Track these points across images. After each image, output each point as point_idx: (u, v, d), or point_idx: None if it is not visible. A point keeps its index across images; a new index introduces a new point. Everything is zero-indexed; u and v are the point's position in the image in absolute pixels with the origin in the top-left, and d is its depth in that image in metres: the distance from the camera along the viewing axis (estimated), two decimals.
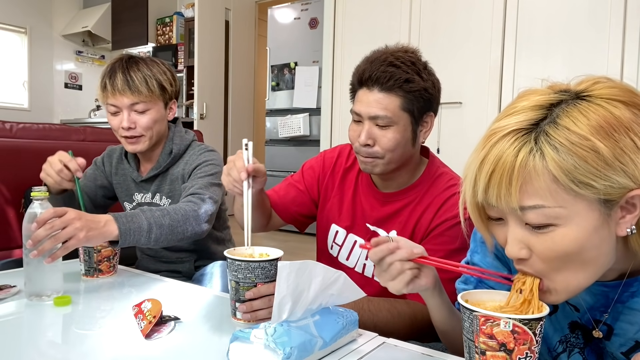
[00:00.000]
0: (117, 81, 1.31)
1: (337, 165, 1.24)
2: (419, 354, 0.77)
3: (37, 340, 0.82)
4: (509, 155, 0.55)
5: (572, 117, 0.55)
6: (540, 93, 0.60)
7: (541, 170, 0.54)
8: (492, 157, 0.57)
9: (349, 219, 1.19)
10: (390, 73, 1.00)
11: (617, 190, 0.54)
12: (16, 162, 1.66)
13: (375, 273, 0.74)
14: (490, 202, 0.58)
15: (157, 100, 1.36)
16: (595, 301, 0.69)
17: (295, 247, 3.53)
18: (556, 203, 0.55)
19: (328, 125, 3.76)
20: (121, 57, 1.37)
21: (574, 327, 0.74)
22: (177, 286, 1.12)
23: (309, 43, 4.29)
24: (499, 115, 0.61)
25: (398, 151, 1.05)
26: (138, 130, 1.34)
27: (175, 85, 1.43)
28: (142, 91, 1.32)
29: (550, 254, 0.58)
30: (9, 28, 5.25)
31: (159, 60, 1.42)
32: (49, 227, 0.93)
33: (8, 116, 3.34)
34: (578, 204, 0.55)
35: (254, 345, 0.67)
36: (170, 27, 5.32)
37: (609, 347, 0.70)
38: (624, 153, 0.53)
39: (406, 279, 0.70)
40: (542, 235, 0.57)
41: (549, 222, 0.56)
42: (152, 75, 1.35)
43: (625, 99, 0.57)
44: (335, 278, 0.76)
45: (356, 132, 1.07)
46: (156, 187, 1.43)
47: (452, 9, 3.11)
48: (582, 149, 0.53)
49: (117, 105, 1.33)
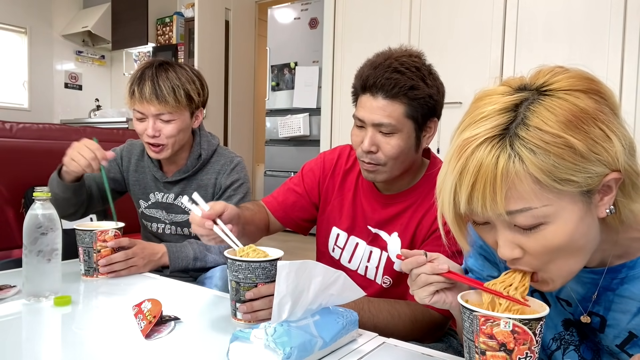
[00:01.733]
0: (145, 89, 1.31)
1: (337, 167, 1.23)
2: (419, 354, 0.77)
3: (37, 340, 0.82)
4: (489, 164, 0.55)
5: (540, 116, 0.55)
6: (501, 92, 0.60)
7: (523, 174, 0.55)
8: (471, 167, 0.56)
9: (349, 221, 1.19)
10: (395, 80, 0.98)
11: (595, 179, 0.56)
12: (16, 162, 1.66)
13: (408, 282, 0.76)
14: (475, 211, 0.58)
15: (184, 110, 1.37)
16: (586, 291, 0.70)
17: (296, 247, 3.53)
18: (542, 203, 0.56)
19: (328, 125, 3.76)
20: (152, 63, 1.37)
21: (568, 325, 0.75)
22: (177, 286, 1.12)
23: (309, 43, 4.29)
24: (464, 122, 0.61)
25: (401, 158, 1.04)
26: (162, 139, 1.35)
27: (204, 95, 1.43)
28: (169, 101, 1.32)
29: (543, 250, 0.59)
30: (9, 28, 5.24)
31: (189, 67, 1.42)
32: (124, 255, 1.16)
33: (8, 116, 3.34)
34: (562, 200, 0.56)
35: (254, 345, 0.67)
36: (170, 27, 5.32)
37: (604, 341, 0.70)
38: (596, 143, 0.55)
39: (430, 290, 0.71)
40: (532, 234, 0.58)
41: (538, 221, 0.57)
42: (181, 85, 1.34)
43: (584, 87, 0.57)
44: (336, 278, 0.76)
45: (359, 137, 1.05)
46: (180, 189, 1.44)
47: (452, 9, 3.11)
48: (558, 147, 0.54)
49: (144, 112, 1.34)
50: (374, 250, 1.15)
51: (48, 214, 0.98)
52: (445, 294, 0.72)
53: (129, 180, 1.51)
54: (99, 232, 1.14)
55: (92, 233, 1.13)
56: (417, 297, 0.72)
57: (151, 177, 1.48)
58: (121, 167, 1.52)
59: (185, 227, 1.46)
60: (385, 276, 1.13)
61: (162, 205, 1.47)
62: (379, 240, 1.14)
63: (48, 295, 0.97)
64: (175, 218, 1.46)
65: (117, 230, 1.17)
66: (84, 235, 1.14)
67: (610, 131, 0.56)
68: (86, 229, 1.14)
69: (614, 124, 0.57)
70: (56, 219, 1.00)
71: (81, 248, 1.14)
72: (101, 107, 5.67)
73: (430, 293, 0.71)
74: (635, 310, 0.65)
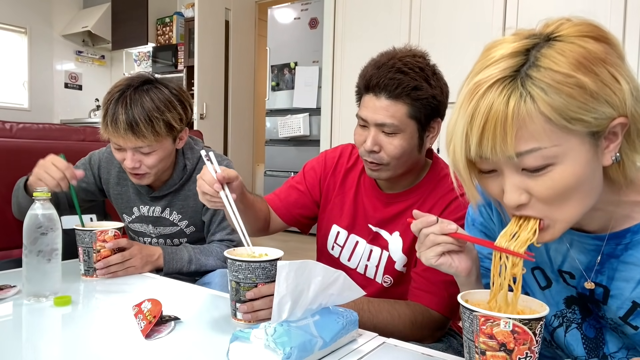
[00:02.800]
0: (120, 123, 1.19)
1: (338, 165, 1.23)
2: (419, 354, 0.77)
3: (37, 340, 0.82)
4: (500, 104, 0.56)
5: (551, 58, 0.56)
6: (512, 40, 0.61)
7: (534, 113, 0.55)
8: (482, 109, 0.57)
9: (350, 219, 1.19)
10: (398, 80, 0.98)
11: (603, 121, 0.57)
12: (16, 162, 1.65)
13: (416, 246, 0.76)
14: (484, 155, 0.58)
15: (164, 140, 1.26)
16: (590, 259, 0.70)
17: (296, 247, 3.53)
18: (551, 142, 0.56)
19: (328, 125, 3.76)
20: (125, 88, 1.24)
21: (570, 302, 0.75)
22: (177, 286, 1.12)
23: (309, 43, 4.29)
24: (475, 68, 0.61)
25: (404, 158, 1.04)
26: (143, 169, 1.26)
27: (187, 117, 1.31)
28: (147, 136, 1.20)
29: (550, 192, 0.59)
30: (9, 28, 5.24)
31: (169, 87, 1.28)
32: (121, 257, 1.16)
33: (8, 116, 3.34)
34: (571, 140, 0.57)
35: (254, 345, 0.67)
36: (170, 27, 5.32)
37: (608, 313, 0.70)
38: (605, 85, 0.56)
39: (437, 251, 0.71)
40: (540, 177, 0.59)
41: (547, 162, 0.57)
42: (159, 116, 1.22)
43: (593, 34, 0.59)
44: (335, 278, 0.76)
45: (362, 136, 1.05)
46: (167, 202, 1.39)
47: (452, 9, 3.11)
48: (568, 86, 0.55)
49: (121, 145, 1.24)
50: (374, 249, 1.15)
51: (48, 214, 0.98)
52: (452, 258, 0.71)
53: (110, 193, 1.44)
54: (99, 232, 1.14)
55: (91, 233, 1.13)
56: (424, 258, 0.72)
57: (134, 191, 1.40)
58: (98, 178, 1.44)
59: (175, 238, 1.42)
60: (386, 275, 1.13)
61: (148, 219, 1.41)
62: (379, 239, 1.14)
63: (48, 295, 0.97)
64: (164, 231, 1.41)
65: (117, 230, 1.17)
66: (83, 235, 1.14)
67: (619, 74, 0.57)
68: (86, 229, 1.14)
69: (622, 68, 0.58)
70: (56, 219, 1.00)
71: (81, 248, 1.14)
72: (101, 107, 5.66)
73: (438, 254, 0.71)
74: (639, 277, 0.65)
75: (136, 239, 1.47)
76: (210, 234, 1.40)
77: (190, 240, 1.42)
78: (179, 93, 1.29)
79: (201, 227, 1.42)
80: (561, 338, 0.77)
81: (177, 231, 1.41)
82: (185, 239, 1.42)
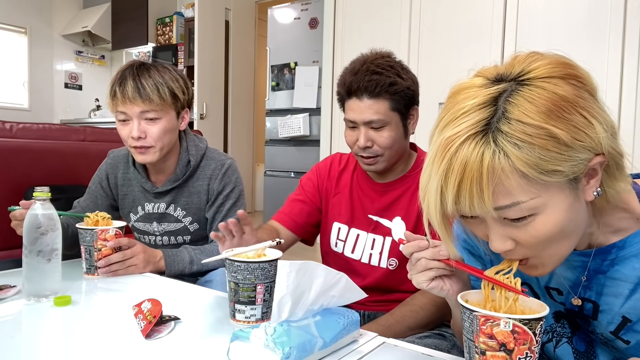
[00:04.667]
0: (128, 88, 1.26)
1: (331, 170, 1.33)
2: (419, 354, 0.77)
3: (37, 340, 0.82)
4: (474, 162, 0.54)
5: (520, 108, 0.54)
6: (478, 85, 0.59)
7: (509, 169, 0.54)
8: (456, 167, 0.55)
9: (349, 214, 1.25)
10: (375, 81, 1.10)
11: (581, 166, 0.56)
12: (16, 162, 1.65)
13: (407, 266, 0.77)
14: (462, 212, 0.58)
15: (169, 109, 1.32)
16: (577, 276, 0.70)
17: (297, 247, 3.52)
18: (529, 196, 0.55)
19: (328, 125, 3.76)
20: (132, 64, 1.33)
21: (559, 317, 0.75)
22: (177, 286, 1.12)
23: (309, 43, 4.29)
24: (443, 118, 0.59)
25: (395, 147, 1.16)
26: (148, 141, 1.29)
27: (188, 94, 1.38)
28: (153, 99, 1.27)
29: (534, 240, 0.59)
30: (9, 28, 5.24)
31: (170, 67, 1.37)
32: (121, 256, 1.16)
33: (8, 116, 3.34)
34: (550, 190, 0.56)
35: (254, 344, 0.67)
36: (170, 27, 5.32)
37: (598, 328, 0.69)
38: (579, 130, 0.54)
39: (429, 275, 0.70)
40: (523, 226, 0.58)
41: (528, 213, 0.57)
42: (164, 83, 1.30)
43: (562, 73, 0.57)
44: (337, 280, 0.76)
45: (353, 137, 1.16)
46: (172, 198, 1.40)
47: (452, 9, 3.11)
48: (541, 138, 0.53)
49: (127, 113, 1.28)
50: (377, 237, 1.21)
51: (48, 214, 0.98)
52: (443, 281, 0.71)
53: (118, 196, 1.46)
54: (100, 230, 1.14)
55: (93, 232, 1.14)
56: (415, 282, 0.71)
57: (139, 189, 1.43)
58: (108, 188, 1.46)
59: (179, 236, 1.43)
60: (391, 258, 1.19)
61: (153, 216, 1.42)
62: (380, 227, 1.21)
63: (48, 295, 0.97)
64: (168, 227, 1.43)
65: (119, 229, 1.17)
66: (85, 234, 1.14)
67: (591, 116, 0.55)
68: (87, 228, 1.15)
69: (594, 109, 0.56)
70: (56, 219, 1.00)
71: (83, 246, 1.15)
72: (101, 107, 5.67)
73: (429, 278, 0.70)
74: (628, 292, 0.65)
75: (141, 238, 1.47)
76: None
77: (193, 237, 1.43)
78: (180, 72, 1.38)
79: (204, 224, 1.43)
80: (551, 352, 0.77)
81: (181, 228, 1.42)
82: (189, 237, 1.43)
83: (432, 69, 3.12)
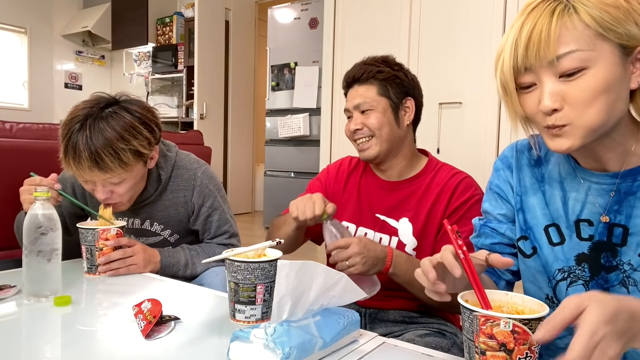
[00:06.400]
0: (83, 160, 1.11)
1: (340, 171, 1.35)
2: (419, 354, 0.77)
3: (37, 340, 0.82)
4: (546, 15, 0.66)
5: None
6: None
7: (576, 20, 0.65)
8: (530, 20, 0.66)
9: (357, 213, 1.27)
10: (364, 69, 1.22)
11: (632, 40, 0.65)
12: (16, 162, 1.65)
13: None
14: (528, 61, 0.67)
15: (134, 166, 1.18)
16: (607, 201, 0.73)
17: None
18: (588, 46, 0.65)
19: (328, 125, 3.76)
20: (84, 118, 1.13)
21: (581, 260, 0.77)
22: (177, 286, 1.12)
23: (309, 43, 4.29)
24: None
25: (385, 130, 1.20)
26: (116, 198, 1.20)
27: (155, 139, 1.22)
28: (114, 169, 1.13)
29: (582, 95, 0.66)
30: (9, 28, 5.25)
31: (131, 109, 1.17)
32: (122, 253, 1.16)
33: (8, 116, 3.34)
34: (604, 48, 0.65)
35: (254, 344, 0.67)
36: (170, 27, 5.32)
37: (626, 255, 0.72)
38: (634, 10, 0.65)
39: None
40: (574, 81, 0.66)
41: (582, 65, 0.65)
42: (125, 146, 1.13)
43: None
44: (337, 280, 0.76)
45: (349, 125, 1.24)
46: (146, 215, 1.35)
47: (452, 8, 3.11)
48: (606, 4, 0.64)
49: (87, 179, 1.17)
50: (383, 236, 1.22)
51: (48, 214, 0.98)
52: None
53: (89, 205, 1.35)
54: (101, 230, 1.14)
55: (94, 231, 1.14)
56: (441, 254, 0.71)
57: None
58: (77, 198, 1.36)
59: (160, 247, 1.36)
60: None
61: (129, 231, 1.36)
62: (387, 227, 1.22)
63: (48, 295, 0.97)
64: (147, 241, 1.38)
65: (119, 229, 1.17)
66: (86, 234, 1.14)
67: None
68: (89, 227, 1.15)
69: None
70: (56, 219, 1.00)
71: (84, 246, 1.15)
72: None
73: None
74: None
75: None
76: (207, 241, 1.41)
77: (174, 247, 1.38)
78: (142, 115, 1.19)
79: (186, 234, 1.41)
80: (563, 293, 0.78)
81: (160, 240, 1.39)
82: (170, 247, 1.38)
83: (432, 69, 3.12)
